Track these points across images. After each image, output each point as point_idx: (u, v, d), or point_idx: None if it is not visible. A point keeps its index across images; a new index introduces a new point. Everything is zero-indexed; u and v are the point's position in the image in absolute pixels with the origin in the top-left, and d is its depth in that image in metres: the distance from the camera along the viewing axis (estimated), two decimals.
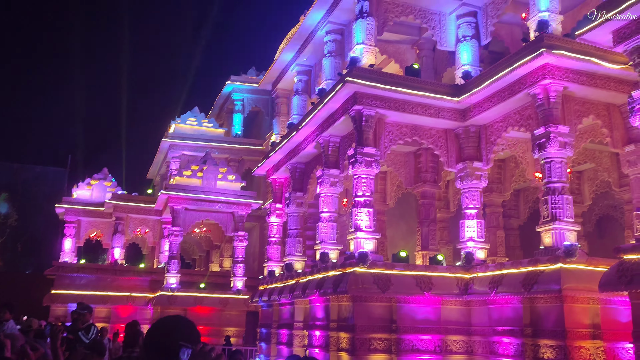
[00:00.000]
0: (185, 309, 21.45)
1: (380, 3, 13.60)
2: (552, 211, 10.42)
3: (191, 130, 27.49)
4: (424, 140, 13.42)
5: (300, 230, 16.86)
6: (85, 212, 26.19)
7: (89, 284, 23.52)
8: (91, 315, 9.35)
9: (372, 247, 12.11)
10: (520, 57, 10.96)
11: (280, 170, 18.02)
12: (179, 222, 22.26)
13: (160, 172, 31.38)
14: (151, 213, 25.76)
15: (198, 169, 23.25)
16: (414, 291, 11.82)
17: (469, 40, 13.60)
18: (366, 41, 13.03)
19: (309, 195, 16.83)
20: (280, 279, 16.43)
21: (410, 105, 12.83)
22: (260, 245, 26.66)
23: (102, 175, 27.70)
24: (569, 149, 10.72)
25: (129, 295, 23.70)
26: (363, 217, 12.13)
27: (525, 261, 10.88)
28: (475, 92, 12.37)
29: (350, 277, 11.49)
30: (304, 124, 14.80)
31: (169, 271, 21.77)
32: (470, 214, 12.92)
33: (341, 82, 12.40)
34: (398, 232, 19.23)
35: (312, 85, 17.59)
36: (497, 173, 15.67)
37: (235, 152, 27.49)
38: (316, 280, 13.20)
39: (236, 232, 23.03)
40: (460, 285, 12.18)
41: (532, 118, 11.56)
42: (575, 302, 9.85)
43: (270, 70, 19.64)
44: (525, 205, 18.27)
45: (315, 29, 16.11)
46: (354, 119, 12.71)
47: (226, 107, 30.15)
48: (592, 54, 10.68)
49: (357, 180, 12.38)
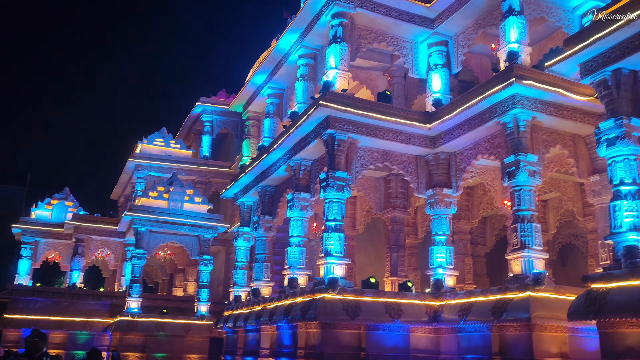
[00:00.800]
0: (147, 335, 20.70)
1: (354, 29, 13.73)
2: (521, 239, 10.49)
3: (158, 151, 26.98)
4: (394, 166, 13.44)
5: (269, 254, 16.59)
6: (44, 233, 25.25)
7: (45, 308, 22.53)
8: (45, 343, 8.80)
9: (342, 272, 11.94)
10: (491, 86, 11.15)
11: (249, 193, 17.78)
12: (143, 244, 21.63)
13: (124, 193, 30.62)
14: (114, 235, 25.01)
15: (164, 190, 22.76)
16: (384, 318, 11.66)
17: (440, 69, 13.81)
18: (339, 66, 13.08)
19: (278, 219, 16.61)
20: (246, 305, 16.05)
21: (382, 131, 12.87)
22: (225, 270, 26.14)
23: (63, 195, 26.85)
24: (537, 178, 10.87)
25: (86, 320, 22.77)
26: (334, 242, 11.98)
27: (494, 289, 10.88)
28: (447, 120, 12.50)
29: (320, 304, 11.26)
30: (276, 146, 14.67)
31: (131, 295, 21.03)
32: (440, 241, 12.93)
33: (314, 106, 12.37)
34: (367, 258, 19.10)
35: (284, 108, 17.53)
36: (465, 200, 15.80)
37: (203, 174, 27.06)
38: (284, 306, 12.91)
39: (201, 255, 22.52)
40: (429, 313, 12.09)
41: (501, 146, 11.72)
42: (543, 331, 9.86)
43: (241, 92, 19.53)
44: (492, 232, 18.46)
45: (289, 53, 16.13)
46: (326, 143, 12.65)
47: (195, 129, 29.79)
48: (560, 85, 10.95)
49: (328, 205, 12.26)
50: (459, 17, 13.27)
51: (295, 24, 15.13)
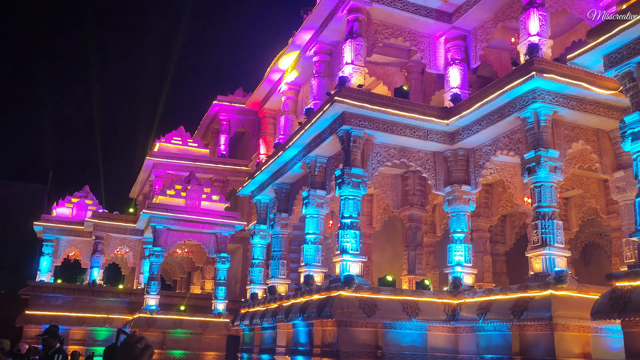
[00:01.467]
0: (165, 332, 20.80)
1: (370, 24, 13.56)
2: (542, 236, 10.23)
3: (176, 150, 27.10)
4: (412, 163, 13.25)
5: (285, 252, 16.51)
6: (65, 230, 25.53)
7: (65, 304, 22.74)
8: (55, 339, 8.63)
9: (358, 270, 11.80)
10: (510, 80, 10.90)
11: (266, 191, 17.72)
12: (161, 242, 21.72)
13: (143, 192, 30.84)
14: (132, 233, 25.18)
15: (182, 188, 22.82)
16: (401, 316, 11.50)
17: (458, 64, 13.58)
18: (355, 61, 12.93)
19: (294, 217, 16.52)
20: (263, 302, 15.99)
21: (398, 126, 12.70)
22: (242, 268, 26.14)
23: (83, 193, 27.12)
24: (559, 174, 10.60)
25: (106, 317, 22.95)
26: (350, 240, 11.84)
27: (514, 287, 10.64)
28: (465, 115, 12.27)
29: (336, 301, 11.14)
30: (291, 143, 14.57)
31: (149, 292, 21.14)
32: (458, 239, 12.71)
33: (330, 102, 12.24)
34: (384, 256, 18.92)
35: (300, 105, 17.43)
36: (484, 198, 15.54)
37: (220, 172, 27.10)
38: (300, 304, 12.81)
39: (219, 253, 22.53)
40: (447, 311, 11.89)
41: (521, 142, 11.46)
42: (565, 330, 9.60)
43: (258, 90, 19.50)
44: (512, 230, 18.14)
45: (305, 49, 16.02)
46: (341, 140, 12.52)
47: (212, 127, 29.86)
48: (582, 78, 10.66)
49: (344, 202, 12.12)
50: (478, 11, 13.03)
51: (310, 20, 15.02)
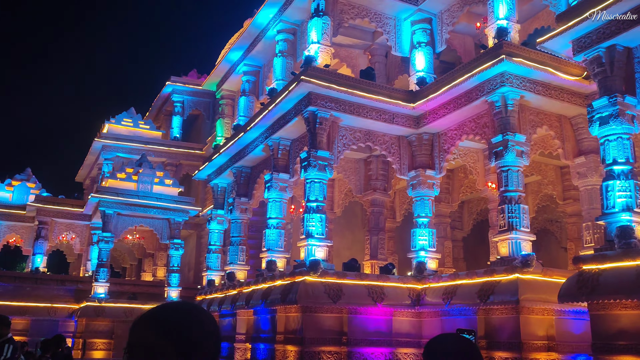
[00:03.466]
0: (114, 321, 19.97)
1: (336, 3, 13.21)
2: (508, 220, 10.25)
3: (126, 132, 25.94)
4: (377, 147, 13.05)
5: (244, 237, 16.05)
6: (4, 215, 24.04)
7: (6, 293, 21.43)
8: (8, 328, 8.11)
9: (324, 255, 11.54)
10: (479, 64, 10.82)
11: (224, 175, 17.16)
12: (111, 227, 20.78)
13: (90, 175, 29.47)
14: (79, 218, 24.00)
15: (133, 172, 21.87)
16: (366, 302, 11.33)
17: (424, 47, 13.43)
18: (322, 41, 12.57)
19: (254, 201, 16.08)
20: (221, 289, 15.52)
21: (365, 109, 12.45)
22: (197, 254, 25.47)
23: (25, 176, 25.59)
24: (525, 158, 10.63)
25: (50, 306, 21.81)
26: (315, 224, 11.55)
27: (480, 271, 10.65)
28: (432, 99, 12.15)
29: (301, 287, 10.84)
30: (253, 125, 14.09)
31: (98, 280, 20.21)
32: (422, 223, 12.64)
33: (296, 82, 11.84)
34: (343, 242, 18.74)
35: (261, 86, 16.92)
36: (445, 183, 15.55)
37: (173, 155, 26.18)
38: (262, 290, 12.45)
39: (172, 239, 21.79)
40: (412, 296, 11.82)
41: (488, 126, 11.44)
42: (531, 314, 9.67)
43: (215, 70, 18.81)
44: (470, 217, 18.36)
45: (266, 28, 15.50)
46: (307, 121, 12.16)
47: (165, 109, 28.81)
48: (548, 64, 10.70)
49: (309, 185, 11.80)
50: None
51: None
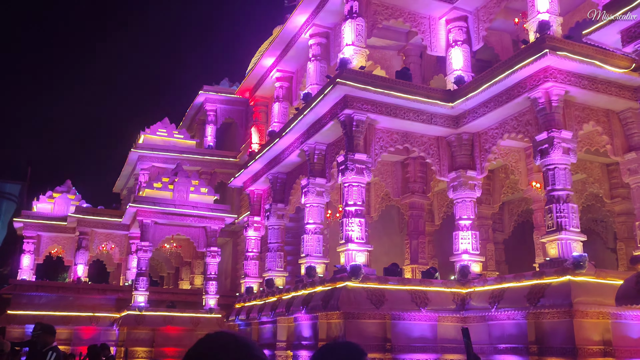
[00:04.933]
0: (154, 329, 20.14)
1: (370, 4, 13.04)
2: (557, 220, 9.85)
3: (161, 142, 26.26)
4: (415, 148, 12.79)
5: (282, 244, 15.96)
6: (46, 226, 24.56)
7: (49, 303, 21.87)
8: (52, 336, 8.17)
9: (364, 259, 11.33)
10: (520, 59, 10.48)
11: (259, 181, 17.13)
12: (148, 236, 20.98)
13: (127, 185, 29.94)
14: (118, 228, 24.33)
15: (169, 181, 22.07)
16: (409, 307, 11.06)
17: (460, 45, 13.15)
18: (356, 42, 12.40)
19: (291, 207, 15.99)
20: (260, 296, 15.44)
21: (402, 110, 12.22)
22: (233, 262, 25.53)
23: (65, 188, 26.14)
24: (572, 155, 10.23)
25: (92, 315, 22.14)
26: (354, 228, 11.35)
27: (529, 274, 10.27)
28: (471, 97, 11.84)
29: (342, 292, 10.65)
30: (288, 130, 14.01)
31: (137, 289, 20.42)
32: (464, 225, 12.30)
33: (331, 85, 11.70)
34: (381, 247, 18.44)
35: (294, 91, 16.86)
36: (486, 184, 15.15)
37: (208, 164, 26.35)
38: (302, 297, 12.30)
39: (209, 247, 21.86)
40: (456, 301, 11.49)
41: (531, 124, 11.07)
42: (585, 317, 9.25)
43: (248, 77, 18.86)
44: (510, 218, 17.86)
45: (299, 33, 15.43)
46: (343, 124, 12.00)
47: (198, 118, 29.06)
48: (594, 57, 10.29)
49: (347, 189, 11.62)
50: None
51: (305, 2, 14.42)
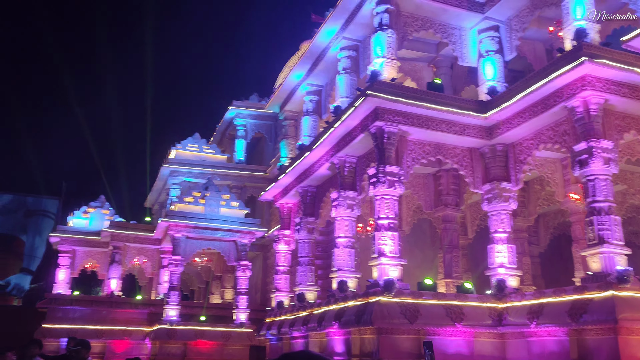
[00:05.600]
0: (186, 343, 20.19)
1: (400, 17, 12.97)
2: (598, 233, 9.52)
3: (192, 157, 26.59)
4: (448, 160, 12.59)
5: (312, 257, 15.85)
6: (81, 241, 24.99)
7: (84, 317, 22.19)
8: (88, 351, 8.24)
9: (398, 274, 11.13)
10: (557, 68, 10.24)
11: (289, 195, 17.11)
12: (180, 251, 21.14)
13: (159, 200, 30.33)
14: (150, 242, 24.59)
15: (200, 195, 22.26)
16: (445, 322, 10.80)
17: (492, 55, 12.96)
18: (386, 54, 12.33)
19: (321, 220, 15.90)
20: (291, 310, 15.33)
21: (434, 122, 12.05)
22: (263, 276, 25.53)
23: (99, 203, 26.61)
24: (613, 166, 9.91)
25: (125, 329, 22.36)
26: (387, 242, 11.19)
27: (569, 289, 9.92)
28: (505, 108, 11.62)
29: (375, 307, 10.47)
30: (318, 143, 13.97)
31: (169, 303, 20.54)
32: (500, 239, 12.01)
33: (362, 97, 11.63)
34: (413, 261, 18.03)
35: (324, 105, 16.86)
36: (521, 196, 14.78)
37: (238, 178, 26.54)
38: (334, 311, 12.15)
39: (239, 261, 21.90)
40: (493, 316, 11.17)
41: (568, 134, 10.78)
42: (631, 334, 8.86)
43: (277, 92, 18.95)
44: (546, 231, 17.38)
45: (328, 46, 15.45)
46: (374, 137, 11.90)
47: (228, 133, 29.36)
48: (634, 64, 9.99)
49: (379, 202, 11.48)
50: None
51: (334, 16, 14.44)
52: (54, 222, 35.07)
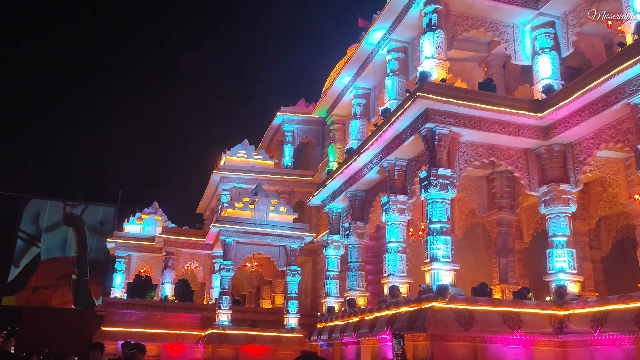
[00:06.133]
0: (237, 348, 20.39)
1: (449, 16, 12.71)
2: None
3: (241, 163, 26.95)
4: (502, 161, 12.20)
5: (362, 263, 15.70)
6: (136, 247, 25.73)
7: (139, 320, 22.78)
8: (143, 355, 8.32)
9: (451, 279, 10.85)
10: (618, 64, 9.75)
11: (338, 199, 17.02)
12: (231, 255, 21.43)
13: (210, 206, 30.89)
14: (202, 247, 25.07)
15: (249, 201, 22.51)
16: (501, 329, 10.43)
17: (547, 52, 12.49)
18: (436, 55, 12.09)
19: (371, 225, 15.73)
20: (341, 316, 15.22)
21: (486, 122, 11.71)
22: (312, 281, 25.51)
23: (152, 210, 27.36)
24: None
25: (179, 333, 22.80)
26: (440, 246, 10.92)
27: (635, 295, 9.39)
28: (562, 106, 11.16)
29: (429, 313, 10.23)
30: (367, 147, 13.84)
31: (221, 308, 20.83)
32: (559, 243, 11.53)
33: (411, 99, 11.43)
34: (466, 265, 17.61)
35: (372, 108, 16.71)
36: (580, 198, 14.15)
37: (286, 183, 26.70)
38: (386, 317, 11.96)
39: (289, 266, 21.99)
40: (553, 323, 10.71)
41: (631, 132, 10.23)
42: None
43: (325, 96, 18.95)
44: (608, 235, 16.56)
45: (376, 49, 15.32)
46: (425, 139, 11.67)
47: (276, 139, 29.62)
48: None
49: (431, 206, 11.23)
50: None
51: (382, 18, 14.30)
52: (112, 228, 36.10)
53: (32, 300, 34.75)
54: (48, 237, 37.21)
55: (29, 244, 36.42)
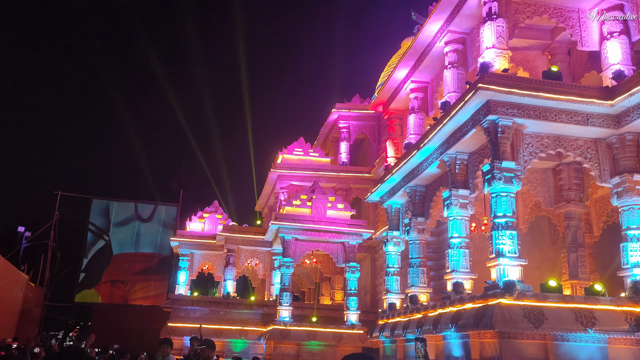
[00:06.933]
0: (299, 344, 20.59)
1: (510, 3, 12.31)
2: None
3: (298, 161, 27.18)
4: (569, 152, 11.72)
5: (424, 259, 15.49)
6: (198, 245, 26.45)
7: (203, 316, 23.39)
8: (213, 351, 8.51)
9: (518, 275, 10.53)
10: None
11: (397, 195, 16.85)
12: (290, 252, 21.66)
13: (268, 204, 31.34)
14: (261, 244, 25.47)
15: (307, 198, 22.67)
16: (574, 327, 10.03)
17: (617, 37, 11.90)
18: (497, 44, 11.75)
19: (431, 221, 15.48)
20: (403, 312, 15.08)
21: (552, 112, 11.28)
22: (372, 278, 25.42)
23: (213, 208, 28.03)
24: None
25: (242, 328, 23.29)
26: (505, 241, 10.62)
27: None
28: (635, 93, 10.60)
29: (496, 310, 9.96)
30: (427, 141, 13.62)
31: (282, 304, 21.10)
32: (634, 236, 10.96)
33: (472, 91, 11.15)
34: (531, 261, 16.98)
35: (430, 101, 16.45)
36: None
37: (343, 180, 26.70)
38: (450, 314, 11.75)
39: (347, 262, 22.00)
40: (630, 321, 10.20)
41: None
42: None
43: (381, 91, 18.79)
44: None
45: (433, 42, 15.05)
46: (487, 131, 11.36)
47: (331, 136, 29.66)
48: None
49: (495, 200, 10.93)
50: None
51: (439, 9, 14.02)
52: (175, 226, 37.15)
53: (114, 295, 35.52)
54: (119, 231, 38.03)
55: (97, 237, 37.67)
